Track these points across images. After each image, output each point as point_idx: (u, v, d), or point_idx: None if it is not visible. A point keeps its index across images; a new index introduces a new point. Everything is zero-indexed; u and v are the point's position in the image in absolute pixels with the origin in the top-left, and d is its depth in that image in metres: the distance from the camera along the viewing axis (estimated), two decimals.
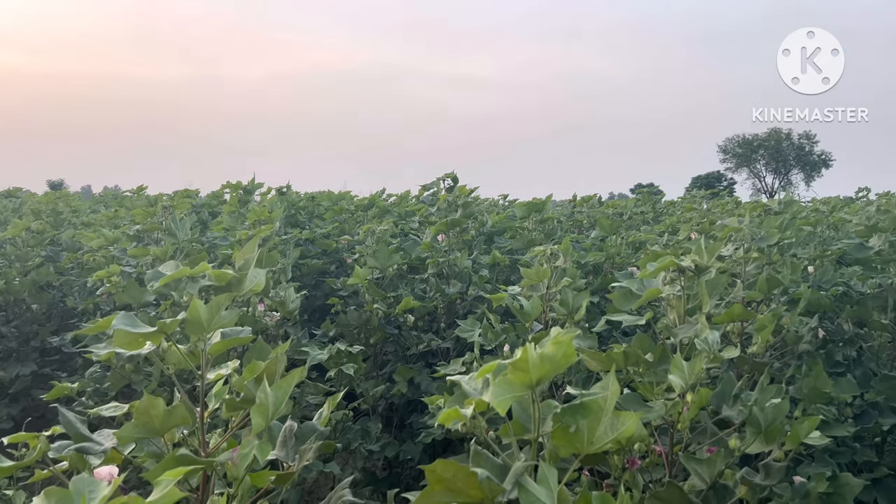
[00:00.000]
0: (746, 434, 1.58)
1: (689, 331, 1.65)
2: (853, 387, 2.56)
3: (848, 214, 4.94)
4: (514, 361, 1.02)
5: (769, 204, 3.09)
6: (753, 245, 2.47)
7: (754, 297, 2.44)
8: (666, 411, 1.61)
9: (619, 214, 5.79)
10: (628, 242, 3.99)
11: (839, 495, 2.07)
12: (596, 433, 1.13)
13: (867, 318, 2.94)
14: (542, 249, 2.69)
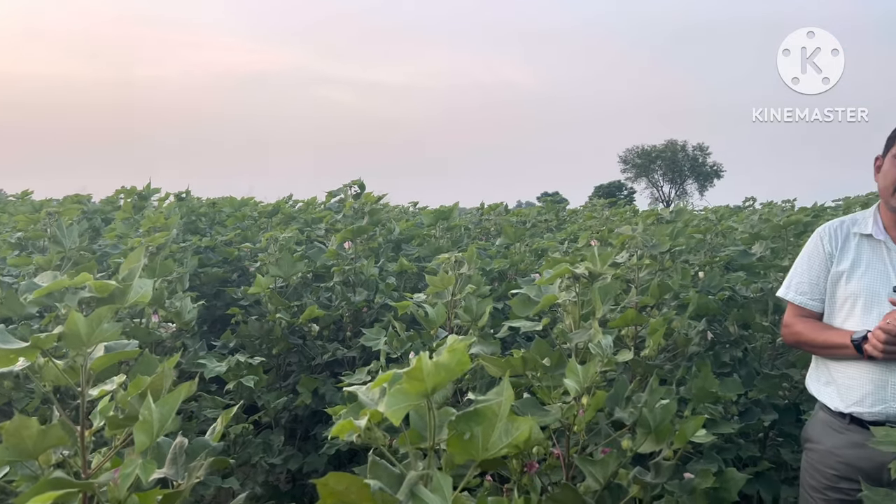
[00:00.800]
0: (637, 434, 1.64)
1: (584, 336, 1.71)
2: (738, 386, 2.71)
3: (735, 223, 5.26)
4: (408, 371, 1.02)
5: (662, 213, 3.25)
6: (646, 252, 2.58)
7: (647, 302, 2.55)
8: (562, 414, 1.65)
9: (522, 222, 5.91)
10: (532, 249, 4.08)
11: (724, 489, 2.18)
12: (491, 439, 1.14)
13: (751, 321, 3.13)
14: (447, 257, 2.71)
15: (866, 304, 2.05)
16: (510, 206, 10.33)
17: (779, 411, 2.93)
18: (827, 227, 2.22)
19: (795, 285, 2.22)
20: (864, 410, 2.01)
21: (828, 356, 2.12)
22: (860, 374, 2.03)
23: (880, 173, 2.12)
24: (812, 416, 2.23)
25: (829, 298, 2.15)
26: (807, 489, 2.16)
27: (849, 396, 2.04)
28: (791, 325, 2.21)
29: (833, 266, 2.14)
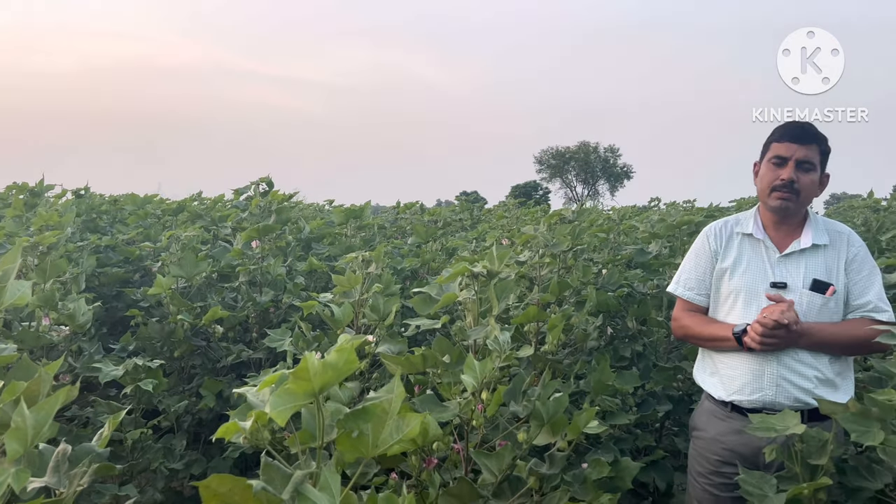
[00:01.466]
0: (531, 427, 1.70)
1: (481, 332, 1.75)
2: (635, 378, 2.83)
3: (637, 222, 5.48)
4: (294, 371, 1.02)
5: (564, 213, 3.35)
6: (547, 251, 2.66)
7: (548, 300, 2.63)
8: (460, 410, 1.68)
9: (434, 221, 5.96)
10: (443, 248, 4.13)
11: (619, 478, 2.28)
12: (381, 436, 1.15)
13: (648, 316, 3.28)
14: (354, 256, 2.71)
15: (747, 299, 2.19)
16: (430, 206, 10.37)
17: (673, 402, 3.08)
18: (712, 226, 2.35)
19: (684, 281, 2.34)
20: (744, 398, 2.14)
21: (712, 348, 2.25)
22: (740, 364, 2.16)
23: (758, 177, 2.26)
24: (699, 406, 2.36)
25: (713, 293, 2.29)
26: (693, 475, 2.28)
27: (730, 385, 2.18)
28: (679, 319, 2.34)
29: (718, 263, 2.27)
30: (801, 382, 2.09)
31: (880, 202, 5.93)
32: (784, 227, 2.22)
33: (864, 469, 1.91)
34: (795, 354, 2.10)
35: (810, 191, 2.17)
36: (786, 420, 1.84)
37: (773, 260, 2.20)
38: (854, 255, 2.17)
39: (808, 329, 2.06)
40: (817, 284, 2.13)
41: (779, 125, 2.25)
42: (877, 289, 2.15)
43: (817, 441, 1.83)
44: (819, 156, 2.17)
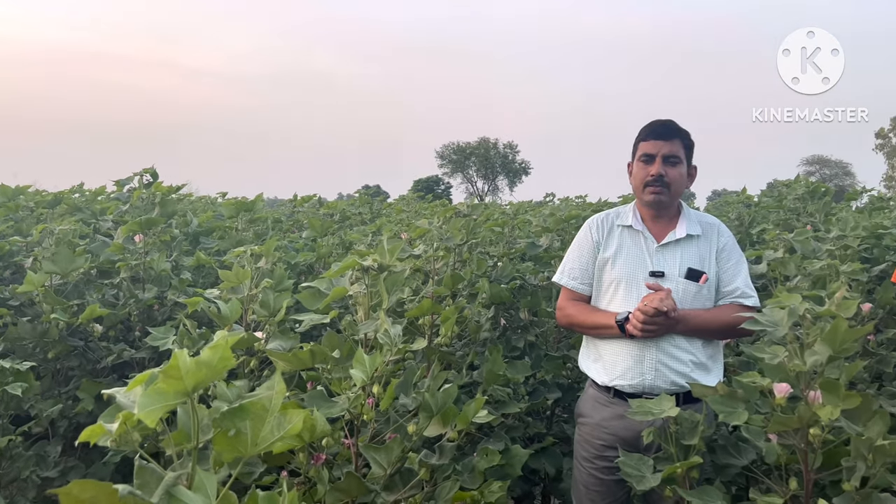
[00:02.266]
0: (420, 419, 1.71)
1: (371, 326, 1.74)
2: (526, 368, 2.90)
3: (532, 217, 5.62)
4: (165, 369, 0.98)
5: (459, 207, 3.39)
6: (441, 245, 2.68)
7: (442, 293, 2.66)
8: (350, 405, 1.67)
9: (330, 215, 5.88)
10: (339, 243, 4.08)
11: (510, 465, 2.33)
12: (261, 434, 1.13)
13: (539, 307, 3.37)
14: (242, 250, 2.63)
15: (627, 287, 2.30)
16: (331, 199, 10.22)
17: (562, 390, 3.19)
18: (594, 218, 2.45)
19: (568, 271, 2.43)
20: (625, 383, 2.24)
21: (596, 336, 2.35)
22: (622, 350, 2.27)
23: (632, 176, 2.38)
24: (583, 393, 2.45)
25: (596, 283, 2.38)
26: (579, 460, 2.37)
27: (613, 371, 2.28)
28: (564, 308, 2.42)
29: (600, 253, 2.37)
30: (677, 367, 2.21)
31: (752, 198, 6.37)
32: (660, 219, 2.35)
33: (731, 447, 2.05)
34: (672, 340, 2.22)
35: (679, 183, 2.31)
36: (662, 404, 1.94)
37: (652, 250, 2.31)
38: (724, 244, 2.32)
39: (684, 315, 2.19)
40: (691, 273, 2.27)
41: (645, 125, 2.37)
42: (744, 276, 2.30)
43: (690, 423, 1.94)
44: (683, 150, 2.31)
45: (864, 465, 1.69)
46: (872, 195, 6.48)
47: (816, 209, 4.63)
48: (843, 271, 2.60)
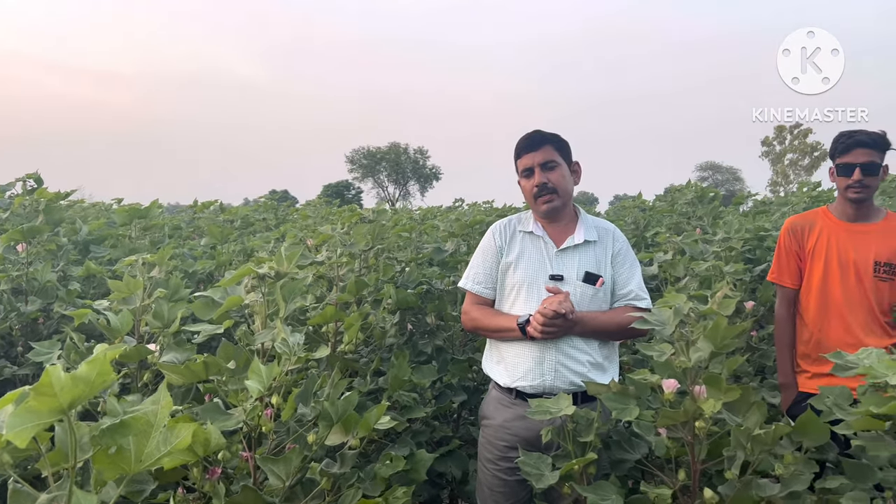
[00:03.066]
0: (320, 428, 1.69)
1: (268, 336, 1.70)
2: (433, 372, 2.92)
3: (440, 222, 5.66)
4: (36, 386, 0.93)
5: (364, 213, 3.38)
6: (345, 251, 2.66)
7: (346, 299, 2.64)
8: (246, 416, 1.63)
9: (230, 221, 5.72)
10: (240, 250, 3.97)
11: (415, 470, 2.34)
12: (146, 450, 1.08)
13: (445, 312, 3.40)
14: (134, 259, 2.52)
15: (529, 291, 2.35)
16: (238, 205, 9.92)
17: (468, 392, 3.22)
18: (498, 224, 2.50)
19: (473, 276, 2.47)
20: (526, 384, 2.30)
21: (499, 339, 2.39)
22: (523, 352, 2.32)
23: (522, 191, 2.47)
24: (487, 395, 2.49)
25: (499, 287, 2.43)
26: (483, 462, 2.41)
27: (514, 373, 2.32)
28: (469, 312, 2.45)
29: (503, 258, 2.42)
30: (575, 367, 2.28)
31: (647, 203, 6.67)
32: (558, 225, 2.42)
33: (625, 442, 2.13)
34: (571, 341, 2.29)
35: (565, 184, 2.40)
36: (559, 403, 2.00)
37: (552, 254, 2.38)
38: (618, 249, 2.42)
39: (581, 317, 2.26)
40: (589, 276, 2.35)
41: (517, 142, 2.45)
42: (637, 279, 2.41)
43: (586, 420, 2.01)
44: (557, 153, 2.40)
45: (744, 453, 1.80)
46: (756, 199, 6.93)
47: (705, 213, 4.91)
48: (726, 272, 2.76)
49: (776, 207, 5.76)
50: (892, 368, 1.56)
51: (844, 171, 2.73)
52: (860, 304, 2.69)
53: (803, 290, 2.85)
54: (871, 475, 1.72)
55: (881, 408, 1.50)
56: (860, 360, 1.66)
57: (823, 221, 2.85)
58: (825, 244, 2.79)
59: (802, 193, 5.46)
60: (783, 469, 1.79)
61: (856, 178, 2.68)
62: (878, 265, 2.68)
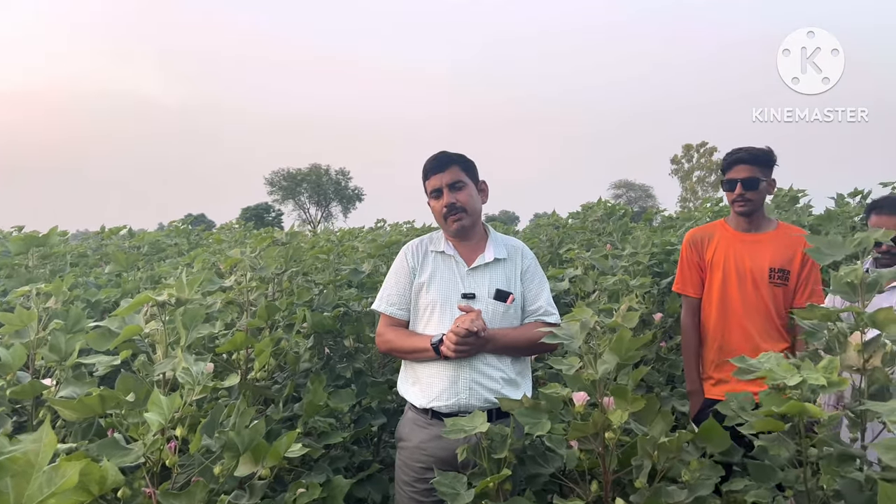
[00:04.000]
0: (225, 459, 1.63)
1: (168, 365, 1.64)
2: (351, 396, 2.87)
3: (359, 243, 5.63)
4: None
5: (277, 235, 3.32)
6: (255, 275, 2.60)
7: (257, 325, 2.57)
8: (146, 451, 1.56)
9: (136, 247, 5.51)
10: (148, 277, 3.82)
11: (332, 497, 2.29)
12: (27, 492, 1.02)
13: (363, 334, 3.37)
14: (27, 289, 2.38)
15: (442, 310, 2.36)
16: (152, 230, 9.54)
17: (388, 415, 3.19)
18: (410, 244, 2.50)
19: (386, 297, 2.46)
20: (442, 404, 2.30)
21: (414, 359, 2.39)
22: (438, 372, 2.32)
23: (433, 212, 2.49)
24: (403, 416, 2.48)
25: (413, 307, 2.43)
26: (400, 484, 2.39)
27: (430, 393, 2.32)
28: (383, 334, 2.44)
29: (415, 278, 2.42)
30: (489, 384, 2.30)
31: (561, 220, 6.85)
32: (469, 244, 2.45)
33: (539, 457, 2.16)
34: (484, 359, 2.31)
35: (473, 203, 2.43)
36: (474, 421, 2.00)
37: (463, 273, 2.40)
38: (527, 266, 2.47)
39: (493, 335, 2.29)
40: (500, 294, 2.38)
41: (424, 164, 2.47)
42: (546, 295, 2.46)
43: (500, 437, 2.03)
44: (464, 173, 2.44)
45: (651, 461, 1.85)
46: (664, 215, 7.23)
47: (614, 229, 5.08)
48: (632, 285, 2.85)
49: (682, 222, 6.03)
50: (790, 371, 1.65)
51: (728, 187, 2.90)
52: (758, 310, 2.84)
53: (705, 300, 2.98)
54: (773, 475, 1.80)
55: (780, 408, 1.58)
56: (761, 364, 1.75)
57: (721, 233, 3.00)
58: (723, 254, 2.93)
59: (706, 208, 5.73)
60: (690, 475, 1.85)
61: (737, 193, 2.86)
62: (772, 272, 2.84)
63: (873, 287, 1.66)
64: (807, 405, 1.39)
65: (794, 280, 2.84)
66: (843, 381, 1.41)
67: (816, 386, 1.42)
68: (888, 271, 1.67)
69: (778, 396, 1.54)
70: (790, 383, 1.44)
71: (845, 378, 1.44)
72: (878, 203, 2.90)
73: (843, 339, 1.65)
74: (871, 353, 1.60)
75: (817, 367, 1.46)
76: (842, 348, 1.65)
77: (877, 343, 1.61)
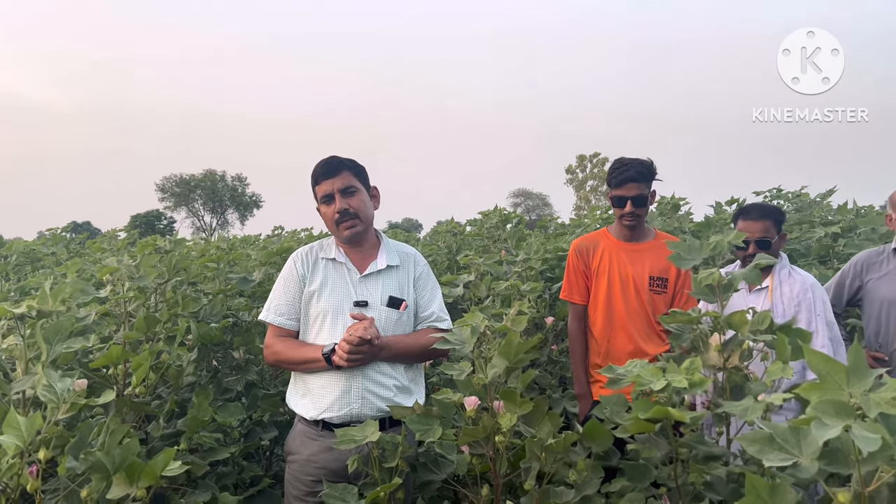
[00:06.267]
0: (93, 481, 1.53)
1: (27, 383, 1.52)
2: (240, 410, 2.77)
3: (252, 251, 5.46)
4: None
5: (160, 243, 3.16)
6: (133, 284, 2.46)
7: (135, 337, 2.43)
8: (1, 476, 1.43)
9: (4, 257, 5.12)
10: (17, 288, 3.54)
11: None
12: None
13: (253, 345, 3.26)
14: None
15: (333, 319, 2.31)
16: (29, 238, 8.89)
17: (280, 428, 3.10)
18: (299, 252, 2.44)
19: (274, 307, 2.38)
20: (333, 415, 2.25)
21: (304, 371, 2.32)
22: (330, 382, 2.27)
23: (323, 218, 2.42)
24: (292, 429, 2.40)
25: (303, 317, 2.37)
26: (290, 499, 2.31)
27: (320, 404, 2.27)
28: (271, 346, 2.36)
29: (306, 287, 2.36)
30: (382, 392, 2.28)
31: (460, 227, 6.93)
32: (361, 250, 2.42)
33: (432, 463, 2.16)
34: (377, 367, 2.28)
35: (365, 209, 2.40)
36: (365, 430, 1.97)
37: (355, 281, 2.37)
38: (420, 273, 2.46)
39: (386, 342, 2.26)
40: (392, 301, 2.36)
41: (314, 169, 2.41)
42: (438, 301, 2.46)
43: (392, 445, 2.00)
44: (355, 178, 2.40)
45: (539, 463, 1.88)
46: (558, 222, 7.46)
47: (508, 236, 5.19)
48: (523, 290, 2.91)
49: (573, 229, 6.23)
50: (657, 375, 1.72)
51: (618, 203, 3.02)
52: (639, 315, 2.96)
53: (591, 306, 3.09)
54: (647, 474, 1.87)
55: (648, 412, 1.64)
56: (629, 371, 1.82)
57: (605, 242, 3.11)
58: (608, 263, 3.05)
59: (595, 216, 5.96)
60: (576, 475, 1.89)
61: (628, 210, 2.98)
62: (652, 280, 2.97)
63: (728, 288, 1.76)
64: (671, 410, 1.46)
65: (671, 287, 2.98)
66: (705, 381, 1.49)
67: (680, 388, 1.49)
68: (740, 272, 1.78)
69: (646, 401, 1.61)
70: (656, 388, 1.51)
71: (706, 378, 1.52)
72: (744, 209, 3.10)
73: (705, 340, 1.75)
74: (729, 353, 1.70)
75: (680, 368, 1.53)
76: (704, 349, 1.75)
77: (735, 342, 1.70)
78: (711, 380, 1.76)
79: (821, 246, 4.48)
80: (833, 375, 1.16)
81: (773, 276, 2.93)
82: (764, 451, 1.25)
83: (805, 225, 5.16)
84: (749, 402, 1.58)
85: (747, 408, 1.55)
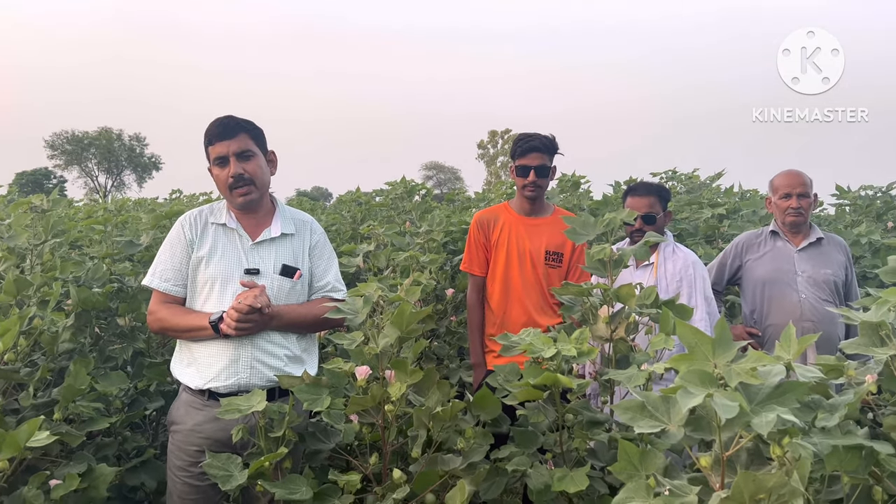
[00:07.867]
0: None
1: None
2: (122, 379, 2.65)
3: (143, 214, 5.20)
4: None
5: (36, 202, 2.94)
6: (1, 244, 2.29)
7: (4, 301, 2.27)
8: None
9: None
10: None
11: (94, 487, 2.11)
12: None
13: (140, 312, 3.11)
14: None
15: (222, 286, 2.23)
16: None
17: (167, 397, 2.98)
18: (188, 215, 2.33)
19: (160, 273, 2.27)
20: (220, 384, 2.18)
21: (190, 339, 2.24)
22: (217, 351, 2.20)
23: (215, 181, 2.32)
24: (176, 399, 2.32)
25: (190, 283, 2.27)
26: (173, 470, 2.24)
27: (207, 373, 2.20)
28: (155, 312, 2.26)
29: (194, 252, 2.26)
30: (272, 362, 2.23)
31: (363, 196, 6.85)
32: (254, 217, 2.34)
33: (321, 433, 2.13)
34: (268, 336, 2.23)
35: (261, 175, 2.31)
36: (251, 400, 1.93)
37: (247, 248, 2.29)
38: (316, 241, 2.41)
39: (278, 311, 2.21)
40: (286, 269, 2.30)
41: (207, 127, 2.31)
42: (334, 271, 2.42)
43: (279, 415, 1.97)
44: (253, 141, 2.31)
45: (426, 431, 1.90)
46: (465, 196, 7.52)
47: (414, 207, 5.18)
48: (423, 261, 2.91)
49: (476, 203, 6.30)
50: (548, 344, 1.76)
51: (521, 173, 3.06)
52: (535, 288, 3.03)
53: (489, 278, 3.13)
54: (535, 440, 1.92)
55: (538, 378, 1.69)
56: (522, 339, 1.86)
57: (505, 216, 3.16)
58: (507, 236, 3.10)
59: (499, 191, 6.03)
60: (464, 443, 1.92)
61: (531, 180, 3.03)
62: (548, 254, 3.05)
63: (619, 264, 1.82)
64: (559, 376, 1.50)
65: (566, 262, 3.07)
66: (592, 350, 1.54)
67: (569, 357, 1.53)
68: (630, 248, 1.85)
69: (538, 368, 1.65)
70: (546, 355, 1.54)
71: (594, 347, 1.57)
72: (632, 187, 3.22)
73: (595, 313, 1.80)
74: (616, 325, 1.76)
75: (570, 338, 1.58)
76: (593, 320, 1.80)
77: (621, 315, 1.77)
78: (598, 349, 1.83)
79: (707, 226, 4.73)
80: (700, 347, 1.22)
81: (658, 252, 3.06)
82: (636, 418, 1.30)
83: (694, 206, 5.42)
84: (633, 371, 1.65)
85: (631, 376, 1.62)
